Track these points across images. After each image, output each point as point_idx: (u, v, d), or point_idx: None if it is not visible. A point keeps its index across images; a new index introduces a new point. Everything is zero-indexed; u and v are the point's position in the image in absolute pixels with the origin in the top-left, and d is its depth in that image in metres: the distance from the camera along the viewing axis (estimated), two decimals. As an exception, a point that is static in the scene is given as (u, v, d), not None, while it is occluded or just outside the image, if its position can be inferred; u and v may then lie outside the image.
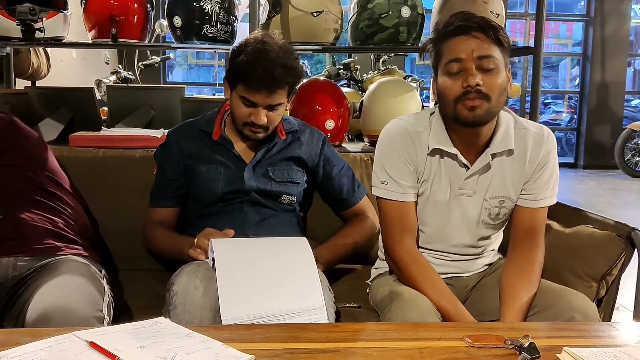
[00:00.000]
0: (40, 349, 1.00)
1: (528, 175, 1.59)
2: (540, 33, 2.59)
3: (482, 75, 1.43)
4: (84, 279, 1.53)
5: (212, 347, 1.04)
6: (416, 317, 1.41)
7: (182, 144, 1.84)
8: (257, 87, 1.67)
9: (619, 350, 1.09)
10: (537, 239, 1.60)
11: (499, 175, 1.58)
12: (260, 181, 1.82)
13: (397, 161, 1.58)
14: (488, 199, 1.60)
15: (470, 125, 1.49)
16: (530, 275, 1.54)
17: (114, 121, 2.67)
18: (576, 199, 6.54)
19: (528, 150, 1.57)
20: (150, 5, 2.76)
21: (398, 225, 1.60)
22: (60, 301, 1.39)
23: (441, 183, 1.59)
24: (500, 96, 1.47)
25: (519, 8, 9.53)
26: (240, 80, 1.70)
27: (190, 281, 1.49)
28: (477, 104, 1.44)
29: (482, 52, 1.43)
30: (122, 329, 1.12)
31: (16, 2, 2.42)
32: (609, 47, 9.25)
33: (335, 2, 2.64)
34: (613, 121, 9.35)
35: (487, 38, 1.44)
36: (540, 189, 1.59)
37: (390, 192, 1.59)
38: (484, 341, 1.12)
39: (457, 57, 1.44)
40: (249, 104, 1.71)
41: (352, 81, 4.25)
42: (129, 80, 4.02)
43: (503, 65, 1.47)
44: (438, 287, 1.53)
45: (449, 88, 1.47)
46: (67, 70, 5.13)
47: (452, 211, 1.62)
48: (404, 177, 1.58)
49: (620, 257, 1.58)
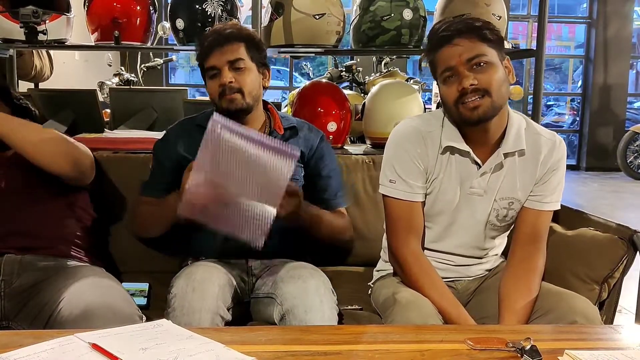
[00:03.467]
0: (43, 350, 1.01)
1: (538, 178, 1.60)
2: (543, 35, 2.59)
3: (476, 75, 1.47)
4: (113, 281, 1.56)
5: (214, 349, 1.05)
6: (418, 319, 1.41)
7: (180, 139, 1.84)
8: (210, 48, 1.74)
9: (621, 353, 1.09)
10: (539, 244, 1.60)
11: (510, 176, 1.59)
12: None
13: (407, 160, 1.58)
14: (498, 199, 1.60)
15: (476, 123, 1.51)
16: (529, 285, 1.54)
17: (116, 123, 2.67)
18: (579, 201, 6.53)
19: (541, 154, 1.59)
20: (152, 8, 2.77)
21: (404, 225, 1.60)
22: (102, 299, 1.41)
23: (451, 182, 1.59)
24: (501, 88, 1.49)
25: (521, 10, 9.53)
26: (199, 56, 1.77)
27: (188, 283, 1.50)
28: (478, 103, 1.47)
29: (469, 54, 1.47)
30: (124, 330, 1.12)
31: (19, 4, 2.43)
32: (611, 49, 9.24)
33: (337, 5, 2.64)
34: (616, 123, 9.33)
35: (470, 40, 1.48)
36: (548, 191, 1.60)
37: (398, 191, 1.59)
38: (485, 344, 1.12)
39: (448, 65, 1.49)
40: (212, 72, 1.75)
41: (355, 83, 4.26)
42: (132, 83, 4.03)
43: (497, 58, 1.50)
44: (440, 289, 1.53)
45: (447, 94, 1.51)
46: (70, 72, 5.14)
47: (461, 211, 1.61)
48: (413, 177, 1.58)
49: (622, 260, 1.58)
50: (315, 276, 1.58)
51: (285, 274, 1.61)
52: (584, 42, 9.68)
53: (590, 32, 9.39)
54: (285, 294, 1.55)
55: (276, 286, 1.60)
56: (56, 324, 1.38)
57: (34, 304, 1.50)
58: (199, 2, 2.56)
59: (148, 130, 2.63)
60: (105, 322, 1.30)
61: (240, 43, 1.75)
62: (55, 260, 1.65)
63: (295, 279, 1.57)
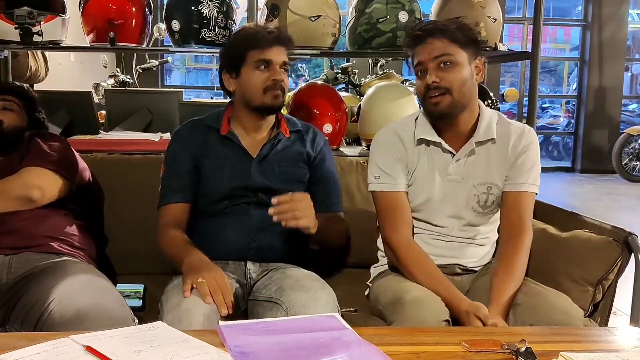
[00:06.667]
0: (36, 353, 1.00)
1: (510, 161, 1.71)
2: (538, 37, 2.59)
3: (441, 73, 1.62)
4: (105, 281, 1.55)
5: (209, 352, 1.04)
6: (430, 317, 1.45)
7: (193, 136, 1.84)
8: (270, 43, 1.76)
9: (616, 355, 1.09)
10: (523, 224, 1.68)
11: (485, 162, 1.72)
12: (266, 177, 1.80)
13: (388, 157, 1.74)
14: (477, 185, 1.71)
15: (439, 118, 1.68)
16: (514, 264, 1.61)
17: (111, 125, 2.68)
18: (573, 203, 6.54)
19: (511, 140, 1.71)
20: (148, 9, 2.76)
21: (392, 214, 1.73)
22: (94, 301, 1.40)
23: (430, 171, 1.73)
24: (463, 87, 1.63)
25: (516, 13, 9.56)
26: (251, 45, 1.77)
27: (174, 314, 1.43)
28: (439, 100, 1.63)
29: (437, 53, 1.62)
30: (119, 333, 1.12)
31: (14, 5, 2.42)
32: (606, 51, 9.27)
33: (333, 7, 2.64)
34: (610, 125, 9.36)
35: (441, 40, 1.62)
36: (521, 173, 1.69)
37: (383, 184, 1.74)
38: (481, 346, 1.12)
39: (419, 60, 1.66)
40: (265, 64, 1.76)
41: (350, 85, 4.27)
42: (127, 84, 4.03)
43: (465, 59, 1.64)
44: (432, 273, 1.62)
45: (418, 88, 1.69)
46: (65, 73, 5.13)
47: (444, 199, 1.72)
48: (394, 170, 1.73)
49: (617, 262, 1.59)
50: (326, 290, 1.57)
51: (295, 283, 1.59)
52: (579, 44, 9.72)
53: (586, 35, 9.42)
54: (293, 300, 1.52)
55: (282, 292, 1.57)
56: (47, 326, 1.36)
57: (23, 303, 1.48)
58: (194, 4, 2.56)
59: (143, 131, 2.64)
60: (98, 325, 1.29)
61: (289, 50, 1.82)
62: (47, 255, 1.65)
63: (306, 289, 1.55)
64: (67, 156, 1.82)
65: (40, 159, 1.74)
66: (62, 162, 1.77)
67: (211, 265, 1.54)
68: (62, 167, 1.76)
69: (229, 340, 1.10)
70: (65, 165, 1.78)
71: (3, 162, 1.78)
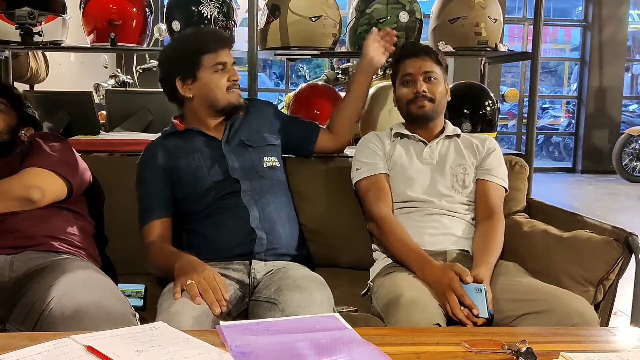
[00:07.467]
0: (37, 353, 1.00)
1: (479, 154, 1.97)
2: (538, 38, 2.59)
3: (427, 85, 1.96)
4: (105, 277, 1.56)
5: (210, 352, 1.04)
6: (423, 320, 1.46)
7: (156, 154, 1.88)
8: (221, 46, 1.87)
9: (616, 355, 1.09)
10: (495, 214, 1.86)
11: (456, 147, 2.00)
12: (238, 151, 1.88)
13: (368, 150, 2.01)
14: (453, 166, 1.96)
15: (421, 119, 1.97)
16: (492, 234, 1.80)
17: (112, 125, 2.68)
18: (574, 203, 6.54)
19: (474, 144, 2.01)
20: (149, 10, 2.76)
21: (373, 194, 1.93)
22: (93, 298, 1.40)
23: (407, 156, 1.98)
24: (442, 99, 1.99)
25: (517, 13, 9.56)
26: (206, 50, 1.84)
27: (163, 318, 1.44)
28: (425, 104, 1.95)
29: (426, 69, 1.97)
30: (120, 333, 1.12)
31: (15, 5, 2.42)
32: (606, 52, 9.26)
33: (333, 7, 2.64)
34: (611, 126, 9.36)
35: (429, 59, 1.98)
36: (491, 166, 1.94)
37: (363, 172, 1.97)
38: (481, 346, 1.12)
39: (409, 72, 1.98)
40: (222, 66, 1.85)
41: (351, 85, 4.25)
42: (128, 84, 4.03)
43: (442, 79, 2.00)
44: (405, 240, 1.79)
45: (404, 94, 1.99)
46: (66, 74, 5.13)
47: (426, 183, 1.93)
48: (373, 158, 1.99)
49: (617, 262, 1.59)
50: (322, 291, 1.58)
51: (292, 283, 1.59)
52: (579, 45, 9.71)
53: (586, 35, 9.42)
54: (289, 301, 1.52)
55: (280, 292, 1.57)
56: (47, 324, 1.36)
57: (24, 301, 1.49)
58: (195, 4, 2.56)
59: (144, 132, 2.64)
60: (97, 322, 1.29)
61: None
62: (47, 254, 1.65)
63: (302, 289, 1.55)
64: (68, 157, 1.82)
65: (41, 160, 1.74)
66: (62, 163, 1.78)
67: (200, 266, 1.55)
68: (62, 168, 1.76)
69: (230, 340, 1.10)
70: (66, 166, 1.78)
71: (3, 163, 1.78)
